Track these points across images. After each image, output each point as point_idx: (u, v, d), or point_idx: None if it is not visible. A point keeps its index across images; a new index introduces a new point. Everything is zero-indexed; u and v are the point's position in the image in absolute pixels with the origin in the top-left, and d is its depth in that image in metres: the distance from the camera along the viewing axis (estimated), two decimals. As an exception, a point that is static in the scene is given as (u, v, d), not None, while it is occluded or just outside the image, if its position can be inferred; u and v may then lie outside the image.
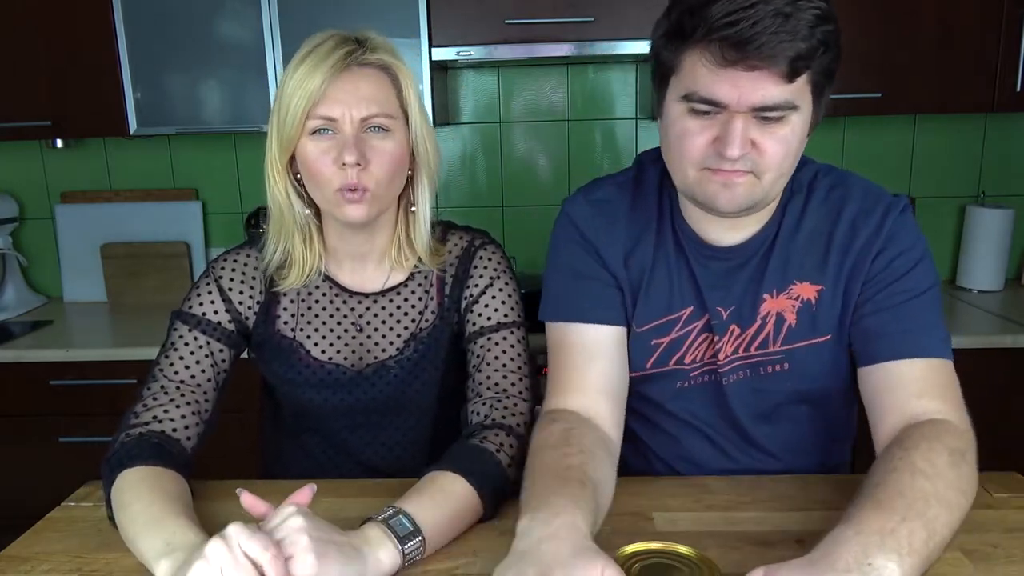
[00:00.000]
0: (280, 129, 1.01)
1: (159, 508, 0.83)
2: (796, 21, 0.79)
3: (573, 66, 2.40)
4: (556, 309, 1.03)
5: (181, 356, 1.05)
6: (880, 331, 0.93)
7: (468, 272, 1.12)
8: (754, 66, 0.80)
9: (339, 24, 1.06)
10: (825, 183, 1.01)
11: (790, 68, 0.81)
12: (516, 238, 2.48)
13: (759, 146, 0.85)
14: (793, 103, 0.84)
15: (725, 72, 0.82)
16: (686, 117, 0.87)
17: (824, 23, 0.81)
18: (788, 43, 0.79)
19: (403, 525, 0.81)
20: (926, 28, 2.01)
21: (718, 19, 0.80)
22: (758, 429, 1.04)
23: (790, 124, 0.85)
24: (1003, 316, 2.06)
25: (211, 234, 2.54)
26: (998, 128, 2.38)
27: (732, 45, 0.80)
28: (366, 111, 0.99)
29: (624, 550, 0.75)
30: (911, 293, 0.94)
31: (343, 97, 0.98)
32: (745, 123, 0.84)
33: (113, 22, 2.05)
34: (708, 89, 0.84)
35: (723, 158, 0.85)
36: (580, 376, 0.99)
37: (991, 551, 0.82)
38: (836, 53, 0.86)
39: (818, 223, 0.99)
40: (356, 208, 1.01)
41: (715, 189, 0.88)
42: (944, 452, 0.80)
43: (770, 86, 0.82)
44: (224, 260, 1.13)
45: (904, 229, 0.96)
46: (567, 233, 1.05)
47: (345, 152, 0.98)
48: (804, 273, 0.98)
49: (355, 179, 0.99)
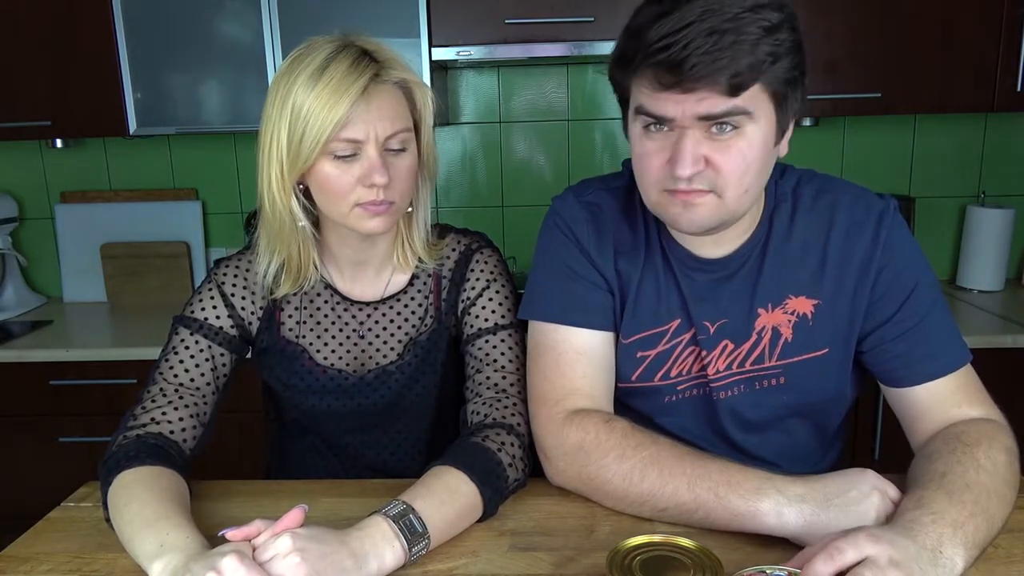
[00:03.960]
0: (293, 149, 0.97)
1: (154, 509, 0.83)
2: (735, 36, 0.77)
3: (573, 66, 2.40)
4: (547, 309, 1.01)
5: (182, 360, 1.05)
6: (909, 356, 0.96)
7: (465, 276, 1.12)
8: (690, 88, 0.80)
9: (339, 25, 1.05)
10: (810, 190, 0.99)
11: (729, 85, 0.79)
12: (516, 238, 2.48)
13: (714, 163, 0.84)
14: (743, 109, 0.82)
15: (665, 95, 0.82)
16: (644, 138, 0.87)
17: (772, 34, 0.79)
18: (725, 61, 0.77)
19: (413, 525, 0.81)
20: (926, 28, 2.01)
21: (653, 43, 0.79)
22: (749, 441, 1.03)
23: (745, 137, 0.84)
24: (1003, 316, 2.06)
25: (211, 234, 2.54)
26: (998, 128, 2.38)
27: (666, 70, 0.79)
28: (390, 129, 0.98)
29: (625, 543, 0.75)
30: (926, 306, 0.96)
31: (366, 118, 0.96)
32: (695, 139, 0.83)
33: (113, 22, 2.05)
34: (652, 107, 0.84)
35: (677, 178, 0.84)
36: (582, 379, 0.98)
37: (991, 551, 0.82)
38: (794, 60, 0.82)
39: (809, 234, 0.98)
40: (380, 221, 1.00)
41: (676, 211, 0.88)
42: (1002, 451, 0.87)
43: (713, 99, 0.81)
44: (226, 266, 1.13)
45: (899, 235, 0.97)
46: (558, 232, 1.03)
47: (376, 175, 0.96)
48: (799, 287, 0.98)
49: (381, 196, 0.98)
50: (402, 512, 0.81)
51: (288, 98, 0.96)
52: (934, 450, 0.88)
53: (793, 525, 0.81)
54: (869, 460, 2.02)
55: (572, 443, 0.93)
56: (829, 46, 2.03)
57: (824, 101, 2.06)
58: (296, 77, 0.96)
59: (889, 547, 0.69)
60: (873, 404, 1.99)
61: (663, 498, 0.87)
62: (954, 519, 0.76)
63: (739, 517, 0.83)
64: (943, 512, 0.76)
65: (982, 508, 0.78)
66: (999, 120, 2.37)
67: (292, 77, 0.96)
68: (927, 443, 0.92)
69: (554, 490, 0.98)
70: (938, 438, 0.91)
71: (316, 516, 0.90)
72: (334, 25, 1.04)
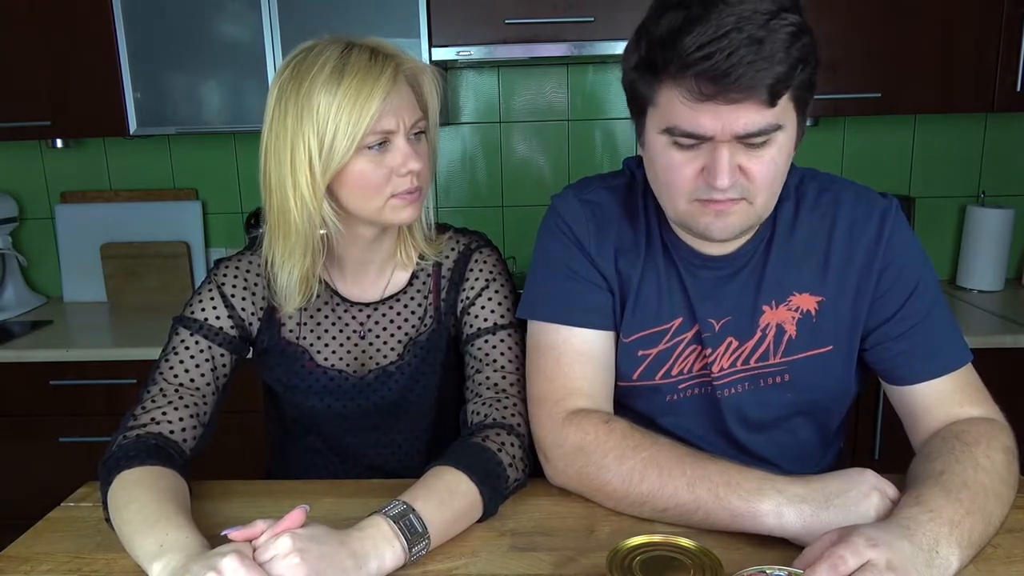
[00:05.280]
0: (326, 152, 0.95)
1: (154, 509, 0.83)
2: (772, 44, 0.76)
3: (573, 66, 2.40)
4: (546, 309, 1.01)
5: (181, 360, 1.05)
6: (911, 354, 0.96)
7: (464, 275, 1.12)
8: (734, 99, 0.78)
9: (339, 25, 1.05)
10: (813, 187, 1.00)
11: (770, 94, 0.78)
12: (516, 238, 2.48)
13: (747, 172, 0.84)
14: (777, 124, 0.82)
15: (704, 106, 0.80)
16: (670, 150, 0.86)
17: (799, 38, 0.79)
18: (766, 70, 0.77)
19: (413, 526, 0.81)
20: (926, 28, 2.01)
21: (691, 52, 0.77)
22: (752, 440, 1.03)
23: (776, 144, 0.84)
24: (1003, 316, 2.06)
25: (211, 234, 2.54)
26: (998, 128, 2.38)
27: (709, 79, 0.77)
28: (414, 116, 1.00)
29: (625, 543, 0.75)
30: (928, 304, 0.96)
31: (394, 111, 0.97)
32: (731, 151, 0.82)
33: (113, 22, 2.05)
34: (689, 123, 0.82)
35: (713, 188, 0.84)
36: (582, 379, 0.98)
37: (991, 551, 0.82)
38: (815, 64, 0.83)
39: (812, 231, 0.98)
40: (413, 209, 1.03)
41: (708, 220, 0.88)
42: (1001, 450, 0.87)
43: (752, 114, 0.80)
44: (226, 266, 1.13)
45: (901, 235, 0.97)
46: (558, 231, 1.03)
47: (411, 161, 0.99)
48: (803, 284, 0.98)
49: (416, 183, 1.01)
50: (402, 512, 0.81)
51: (310, 103, 0.95)
52: (933, 449, 0.88)
53: (793, 526, 0.81)
54: (869, 460, 2.02)
55: (572, 444, 0.93)
56: (829, 46, 2.02)
57: (824, 101, 2.06)
58: (312, 80, 0.95)
59: (887, 551, 0.69)
60: (873, 403, 1.99)
61: (663, 499, 0.87)
62: (951, 517, 0.76)
63: (739, 518, 0.83)
64: (940, 510, 0.77)
65: (979, 507, 0.79)
66: (999, 120, 2.37)
67: (306, 82, 0.95)
68: (927, 442, 0.92)
69: (554, 490, 0.98)
70: (938, 437, 0.91)
71: (316, 516, 0.90)
72: (334, 25, 1.05)
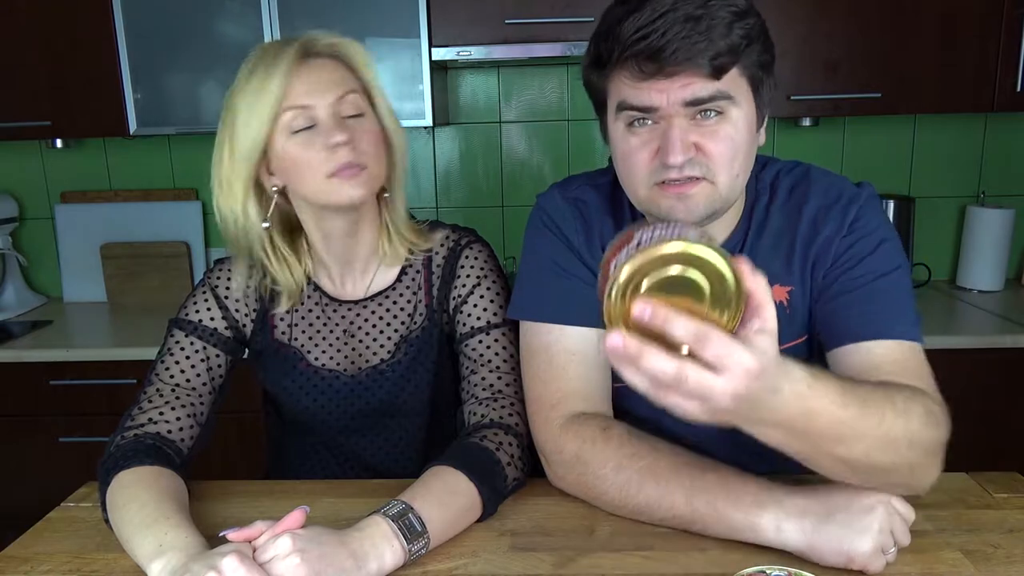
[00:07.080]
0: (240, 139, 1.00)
1: (152, 509, 0.83)
2: (709, 21, 0.79)
3: (573, 66, 2.40)
4: (536, 309, 1.00)
5: (177, 361, 1.05)
6: (845, 312, 0.92)
7: (455, 272, 1.12)
8: (673, 72, 0.80)
9: (339, 25, 1.06)
10: (787, 182, 0.99)
11: (711, 67, 0.80)
12: (516, 238, 2.48)
13: (703, 148, 0.84)
14: (727, 93, 0.83)
15: (647, 83, 0.82)
16: (627, 135, 0.87)
17: (742, 18, 0.81)
18: (702, 43, 0.79)
19: (412, 525, 0.81)
20: (926, 28, 2.01)
21: (629, 37, 0.80)
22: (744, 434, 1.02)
23: (731, 121, 0.84)
24: (1003, 316, 2.06)
25: (211, 234, 2.53)
26: (998, 128, 2.38)
27: (647, 58, 0.80)
28: (335, 91, 0.99)
29: None
30: (875, 274, 0.92)
31: (308, 88, 0.98)
32: (683, 127, 0.83)
33: (113, 22, 2.05)
34: (636, 98, 0.84)
35: (668, 167, 0.84)
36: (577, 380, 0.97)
37: (991, 551, 0.82)
38: (765, 44, 0.85)
39: (781, 224, 0.98)
40: (356, 185, 0.99)
41: (671, 203, 0.86)
42: (921, 409, 0.78)
43: (696, 84, 0.81)
44: (220, 269, 1.13)
45: (866, 216, 0.95)
46: (545, 228, 1.03)
47: (335, 133, 0.97)
48: (773, 276, 0.96)
49: (348, 157, 0.98)
50: (401, 512, 0.81)
51: (229, 107, 1.02)
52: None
53: (793, 540, 0.80)
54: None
55: (570, 452, 0.93)
56: (829, 46, 2.03)
57: (824, 101, 2.06)
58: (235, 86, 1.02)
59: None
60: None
61: (660, 510, 0.87)
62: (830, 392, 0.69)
63: (738, 531, 0.83)
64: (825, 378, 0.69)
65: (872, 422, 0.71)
66: (999, 120, 2.37)
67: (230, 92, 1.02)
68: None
69: (554, 490, 0.98)
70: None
71: (316, 516, 0.90)
72: (334, 25, 1.05)
